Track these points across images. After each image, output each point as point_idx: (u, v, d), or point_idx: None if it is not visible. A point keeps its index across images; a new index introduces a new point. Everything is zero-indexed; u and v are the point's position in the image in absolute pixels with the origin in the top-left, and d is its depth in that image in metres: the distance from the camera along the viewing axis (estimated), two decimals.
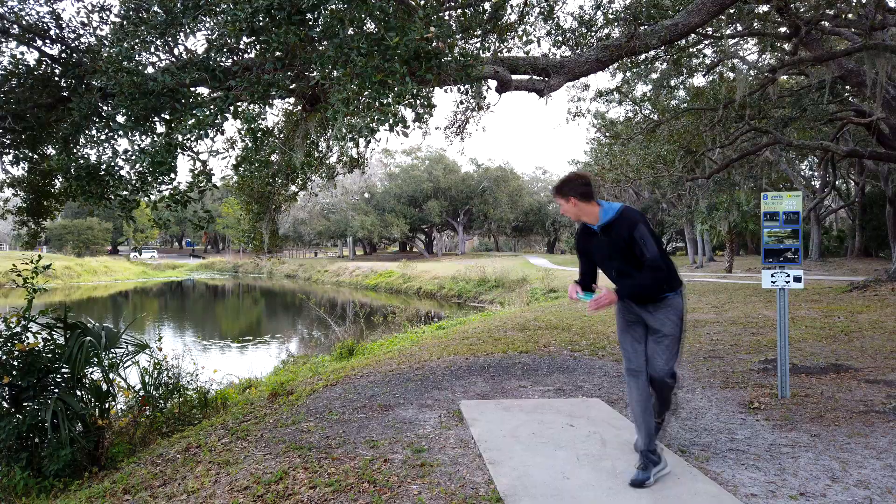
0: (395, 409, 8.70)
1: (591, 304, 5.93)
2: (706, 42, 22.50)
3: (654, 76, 30.27)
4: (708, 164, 29.83)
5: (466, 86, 10.78)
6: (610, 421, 7.74)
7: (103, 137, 9.26)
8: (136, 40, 8.70)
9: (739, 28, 22.23)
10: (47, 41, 10.04)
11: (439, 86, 9.21)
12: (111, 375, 9.93)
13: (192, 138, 8.28)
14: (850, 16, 20.00)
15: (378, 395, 9.55)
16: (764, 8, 20.76)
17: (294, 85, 9.13)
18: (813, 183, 55.90)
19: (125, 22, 9.12)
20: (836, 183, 54.40)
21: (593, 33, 14.79)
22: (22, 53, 9.97)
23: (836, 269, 40.49)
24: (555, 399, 8.94)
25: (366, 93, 7.52)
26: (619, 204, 6.08)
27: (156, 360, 11.23)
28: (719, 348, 12.66)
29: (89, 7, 10.21)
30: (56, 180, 11.84)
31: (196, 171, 8.83)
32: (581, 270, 6.44)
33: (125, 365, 10.26)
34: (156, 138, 8.65)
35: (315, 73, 8.53)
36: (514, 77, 10.61)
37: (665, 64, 24.74)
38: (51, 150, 11.32)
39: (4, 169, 11.27)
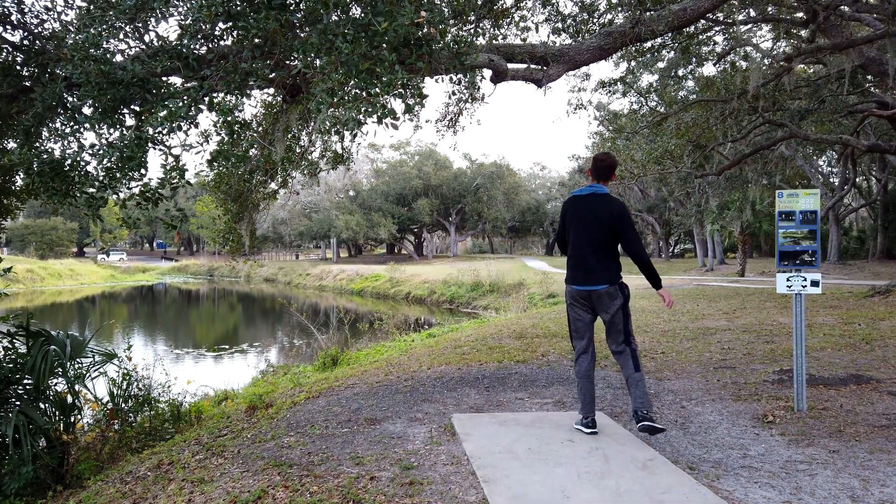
0: (382, 422, 8.70)
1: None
2: (717, 28, 22.54)
3: (660, 65, 30.33)
4: (718, 159, 29.89)
5: (459, 75, 10.77)
6: (613, 436, 7.75)
7: (68, 130, 9.24)
8: (104, 26, 8.68)
9: (752, 13, 22.25)
10: (8, 27, 10.02)
11: (430, 75, 9.20)
12: (77, 387, 9.92)
13: (164, 131, 8.26)
14: (871, 0, 20.03)
15: (364, 408, 9.56)
16: None
17: (274, 74, 9.11)
18: (832, 180, 56.03)
19: (92, 6, 9.10)
20: (857, 180, 54.44)
21: (595, 19, 14.82)
22: None
23: (856, 272, 40.59)
24: (554, 412, 8.95)
25: (352, 82, 7.52)
26: None
27: (125, 371, 11.22)
28: (731, 358, 12.69)
29: None
30: (17, 176, 11.81)
31: (168, 167, 8.80)
32: None
33: (92, 376, 10.26)
34: (125, 131, 8.63)
35: (296, 61, 8.51)
36: (510, 66, 10.61)
37: (673, 52, 24.79)
38: (12, 144, 11.28)
39: None
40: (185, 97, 8.13)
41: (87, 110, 8.77)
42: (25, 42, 10.00)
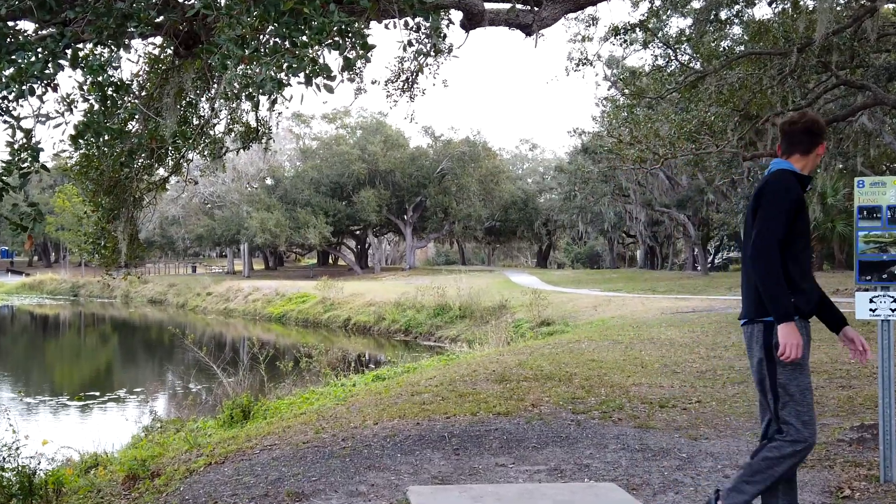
0: (312, 497, 8.69)
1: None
2: None
3: (695, 5, 30.48)
4: (775, 134, 29.94)
5: (419, 19, 10.78)
6: None
7: None
8: None
9: None
10: None
11: (379, 19, 9.21)
12: None
13: (11, 96, 8.22)
14: None
15: (286, 478, 9.54)
16: None
17: (162, 17, 9.09)
18: None
19: None
20: None
21: None
22: None
23: None
24: (549, 484, 8.96)
25: (269, 28, 7.50)
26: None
27: None
28: None
29: None
30: None
31: (16, 146, 8.77)
32: None
33: None
34: None
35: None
36: (488, 6, 10.63)
37: None
38: None
39: None
40: (39, 49, 8.08)
41: None
42: None
